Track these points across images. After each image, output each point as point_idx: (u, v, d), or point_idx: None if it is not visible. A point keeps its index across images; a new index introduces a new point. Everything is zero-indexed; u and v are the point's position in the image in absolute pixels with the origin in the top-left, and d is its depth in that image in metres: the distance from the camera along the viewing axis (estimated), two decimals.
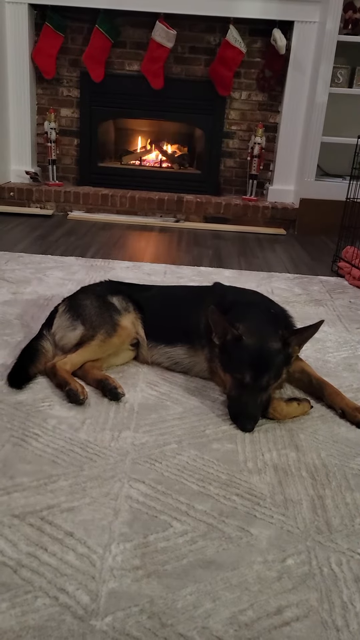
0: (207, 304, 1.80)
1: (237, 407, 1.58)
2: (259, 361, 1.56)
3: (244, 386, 1.56)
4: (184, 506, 1.23)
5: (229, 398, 1.63)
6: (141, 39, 4.43)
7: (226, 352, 1.62)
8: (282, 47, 4.21)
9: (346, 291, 2.92)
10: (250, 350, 1.58)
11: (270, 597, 1.02)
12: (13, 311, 2.30)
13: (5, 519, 1.16)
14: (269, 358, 1.57)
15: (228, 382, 1.63)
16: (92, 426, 1.52)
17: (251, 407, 1.56)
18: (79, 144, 4.77)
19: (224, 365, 1.64)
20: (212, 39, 4.45)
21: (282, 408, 1.61)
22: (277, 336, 1.61)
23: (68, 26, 4.42)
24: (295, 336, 1.63)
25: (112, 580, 1.03)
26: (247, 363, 1.56)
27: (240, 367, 1.57)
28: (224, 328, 1.61)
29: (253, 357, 1.56)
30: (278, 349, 1.59)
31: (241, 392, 1.57)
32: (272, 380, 1.58)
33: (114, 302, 1.87)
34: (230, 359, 1.61)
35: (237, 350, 1.59)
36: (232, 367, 1.60)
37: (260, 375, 1.55)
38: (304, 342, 1.68)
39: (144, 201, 4.51)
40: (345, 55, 4.17)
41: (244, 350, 1.58)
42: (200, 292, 2.00)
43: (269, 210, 4.47)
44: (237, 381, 1.58)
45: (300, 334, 1.65)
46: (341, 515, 1.24)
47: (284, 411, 1.61)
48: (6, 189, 4.49)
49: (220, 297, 1.86)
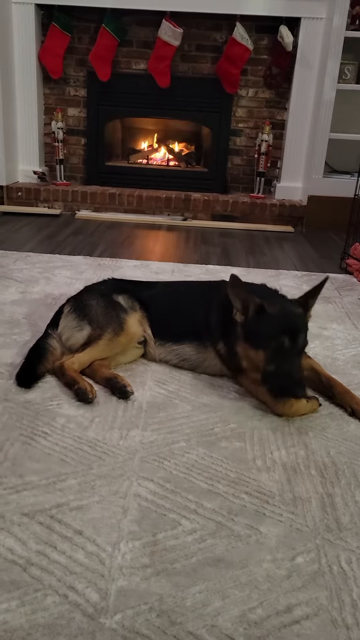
0: (216, 298, 1.81)
1: (282, 378, 1.56)
2: (290, 324, 1.59)
3: (283, 354, 1.56)
4: (193, 504, 1.23)
5: (267, 374, 1.59)
6: (148, 37, 4.43)
7: (252, 328, 1.61)
8: (289, 44, 4.19)
9: (355, 288, 2.90)
10: (278, 316, 1.60)
11: (279, 595, 1.02)
12: (21, 310, 2.31)
13: (14, 517, 1.16)
14: (298, 320, 1.62)
15: (261, 359, 1.59)
16: (101, 425, 1.52)
17: (297, 372, 1.57)
18: (86, 144, 4.78)
19: (253, 342, 1.61)
20: (219, 37, 4.44)
21: (292, 404, 1.60)
22: (294, 303, 1.68)
23: (75, 26, 4.42)
24: (309, 300, 1.68)
25: (122, 579, 1.03)
26: (281, 329, 1.57)
27: (274, 336, 1.56)
28: (245, 299, 1.60)
29: (284, 322, 1.59)
30: (301, 312, 1.65)
31: (281, 361, 1.56)
32: (305, 343, 1.61)
33: (119, 301, 1.87)
34: (259, 333, 1.59)
35: (264, 321, 1.59)
36: (265, 339, 1.58)
37: (296, 338, 1.57)
38: (313, 304, 1.71)
39: (152, 200, 4.51)
40: (352, 52, 4.14)
41: (272, 319, 1.59)
42: (207, 288, 2.00)
43: (277, 207, 4.45)
44: (273, 352, 1.56)
45: (312, 296, 1.68)
46: (351, 513, 1.23)
47: (293, 407, 1.60)
48: (14, 188, 4.51)
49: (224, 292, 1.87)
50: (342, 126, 4.27)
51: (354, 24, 4.14)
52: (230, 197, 4.58)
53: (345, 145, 4.26)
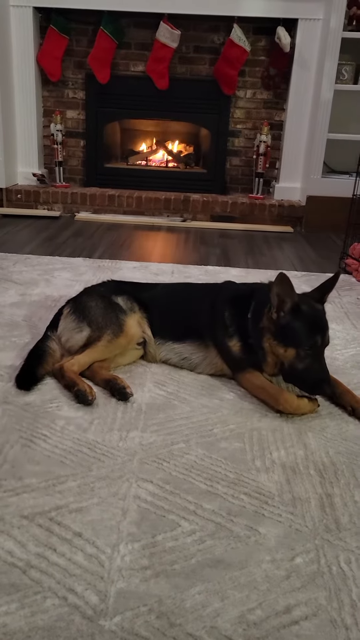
0: (222, 298, 1.85)
1: (314, 374, 1.61)
2: (321, 322, 1.66)
3: (314, 353, 1.61)
4: (192, 505, 1.23)
5: (295, 370, 1.63)
6: (145, 39, 4.44)
7: (285, 326, 1.63)
8: (286, 45, 4.19)
9: (354, 288, 2.90)
10: (310, 315, 1.64)
11: (279, 595, 1.02)
12: (21, 313, 2.31)
13: (14, 520, 1.16)
14: (324, 318, 1.68)
15: (290, 356, 1.63)
16: (100, 426, 1.52)
17: (325, 370, 1.62)
18: (85, 145, 4.79)
19: (285, 340, 1.64)
20: (216, 38, 4.44)
21: (294, 400, 1.61)
22: (312, 299, 1.71)
23: (73, 28, 4.43)
24: (324, 294, 1.72)
25: (121, 580, 1.04)
26: (314, 328, 1.62)
27: (309, 335, 1.61)
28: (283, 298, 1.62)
29: (315, 320, 1.65)
30: (323, 310, 1.70)
31: (312, 360, 1.61)
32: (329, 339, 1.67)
33: (118, 302, 1.87)
34: (293, 331, 1.62)
35: (298, 321, 1.62)
36: (299, 337, 1.61)
37: (325, 334, 1.64)
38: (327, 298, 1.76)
39: (151, 201, 4.51)
40: (350, 52, 4.15)
41: (305, 317, 1.63)
42: (210, 288, 2.01)
43: (276, 208, 4.46)
44: (305, 351, 1.61)
45: (326, 291, 1.73)
46: (350, 513, 1.24)
47: (295, 404, 1.61)
48: (13, 191, 4.51)
49: (236, 289, 1.91)
50: (340, 126, 4.28)
51: (351, 24, 4.15)
52: (229, 197, 4.58)
53: (344, 145, 4.26)
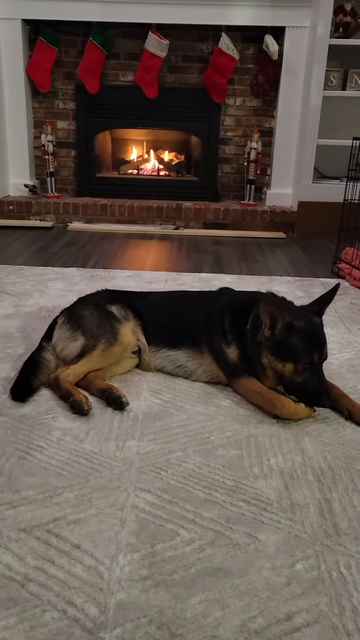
0: (221, 304, 1.86)
1: (313, 388, 1.62)
2: (317, 337, 1.66)
3: (312, 367, 1.62)
4: (191, 514, 1.23)
5: (295, 384, 1.64)
6: (134, 49, 4.47)
7: (281, 342, 1.64)
8: (274, 53, 4.24)
9: (347, 292, 2.91)
10: (306, 331, 1.65)
11: (279, 603, 1.01)
12: (15, 324, 2.30)
13: (11, 533, 1.15)
14: (322, 333, 1.69)
15: (289, 370, 1.64)
16: (97, 436, 1.52)
17: (324, 383, 1.64)
18: (77, 156, 4.80)
19: (281, 355, 1.65)
20: (205, 47, 4.48)
21: (291, 405, 1.61)
22: (310, 313, 1.72)
23: (62, 40, 4.46)
24: (323, 307, 1.73)
25: (121, 592, 1.03)
26: (311, 344, 1.63)
27: (306, 351, 1.62)
28: (276, 316, 1.64)
29: (312, 336, 1.65)
30: (321, 323, 1.71)
31: (310, 374, 1.62)
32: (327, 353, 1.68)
33: (113, 311, 1.87)
34: (289, 347, 1.63)
35: (294, 337, 1.63)
36: (295, 353, 1.62)
37: (322, 349, 1.65)
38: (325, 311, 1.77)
39: (143, 210, 4.52)
40: (337, 59, 4.20)
41: (301, 333, 1.64)
42: (207, 295, 2.01)
43: (268, 214, 4.48)
44: (302, 365, 1.62)
45: (325, 303, 1.74)
46: (349, 518, 1.23)
47: (292, 408, 1.61)
48: (5, 202, 4.51)
49: (236, 297, 1.91)
50: (330, 132, 4.31)
51: (337, 31, 4.20)
52: (221, 205, 4.60)
53: (334, 150, 4.30)
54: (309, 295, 2.82)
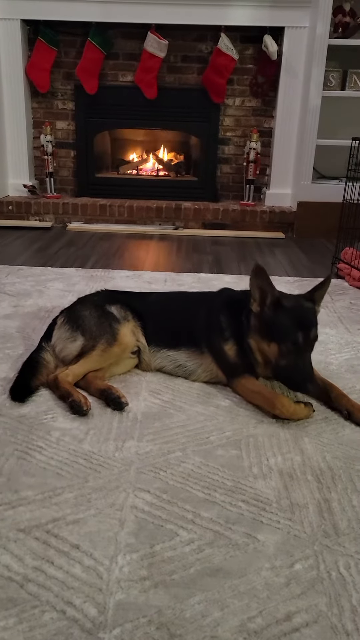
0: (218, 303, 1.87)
1: (294, 371, 1.61)
2: (304, 318, 1.64)
3: (296, 350, 1.61)
4: (190, 514, 1.23)
5: (279, 367, 1.64)
6: (133, 50, 4.47)
7: (267, 320, 1.65)
8: (273, 53, 4.24)
9: (346, 292, 2.91)
10: (293, 310, 1.64)
11: (279, 603, 1.01)
12: (14, 324, 2.30)
13: (10, 534, 1.15)
14: (310, 315, 1.66)
15: (274, 352, 1.64)
16: (96, 437, 1.51)
17: (308, 367, 1.61)
18: (76, 156, 4.80)
19: (267, 335, 1.65)
20: (204, 48, 4.48)
21: (290, 405, 1.61)
22: (302, 298, 1.71)
23: (61, 40, 4.46)
24: (317, 292, 1.71)
25: (120, 592, 1.03)
26: (296, 323, 1.61)
27: (290, 330, 1.61)
28: (265, 291, 1.64)
29: (298, 316, 1.64)
30: (312, 306, 1.69)
31: (294, 357, 1.61)
32: (315, 337, 1.64)
33: (112, 311, 1.87)
34: (275, 326, 1.64)
35: (280, 315, 1.63)
36: (280, 332, 1.62)
37: (309, 334, 1.62)
38: (322, 299, 1.75)
39: (142, 210, 4.52)
40: (336, 59, 4.20)
41: (288, 312, 1.63)
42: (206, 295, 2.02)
43: (267, 214, 4.48)
44: (287, 347, 1.61)
45: (319, 289, 1.72)
46: (348, 518, 1.23)
47: (291, 408, 1.61)
48: (4, 203, 4.51)
49: (231, 295, 1.91)
50: (329, 132, 4.32)
51: (337, 31, 4.20)
52: (220, 205, 4.60)
53: (333, 151, 4.30)
54: None
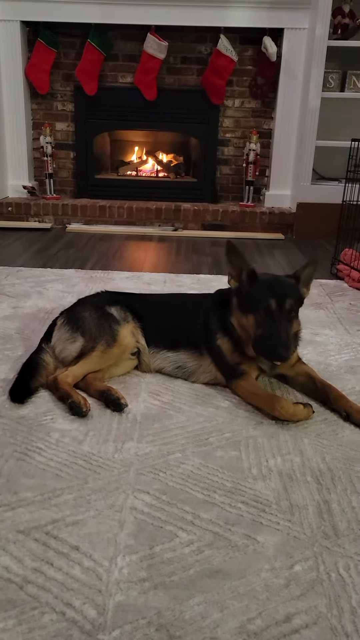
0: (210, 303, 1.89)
1: (268, 339, 1.63)
2: (278, 288, 1.69)
3: (271, 318, 1.64)
4: (190, 515, 1.23)
5: (256, 339, 1.66)
6: (133, 51, 4.48)
7: (245, 294, 1.71)
8: (273, 54, 4.24)
9: (346, 293, 2.92)
10: (268, 281, 1.72)
11: (278, 604, 1.01)
12: (13, 325, 2.30)
13: (10, 535, 1.15)
14: (286, 287, 1.71)
15: (251, 324, 1.67)
16: (96, 438, 1.51)
17: (283, 333, 1.62)
18: (76, 157, 4.81)
19: (245, 308, 1.70)
20: (204, 49, 4.49)
21: (289, 406, 1.61)
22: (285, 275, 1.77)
23: (60, 41, 4.46)
24: (303, 272, 1.74)
25: (119, 593, 1.03)
26: (269, 291, 1.66)
27: (263, 298, 1.65)
28: (239, 265, 1.72)
29: (272, 286, 1.70)
30: (292, 281, 1.73)
31: (269, 324, 1.63)
32: (294, 307, 1.67)
33: (112, 312, 1.87)
34: (250, 297, 1.69)
35: (255, 286, 1.69)
36: (254, 302, 1.66)
37: (283, 300, 1.64)
38: (309, 281, 1.78)
39: (142, 211, 4.53)
40: (336, 60, 4.20)
41: (262, 283, 1.70)
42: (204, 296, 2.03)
43: (267, 215, 4.48)
44: (261, 316, 1.65)
45: (304, 270, 1.74)
46: (348, 519, 1.23)
47: (291, 409, 1.60)
48: (4, 204, 4.51)
49: (221, 293, 1.93)
50: (328, 133, 4.32)
51: (336, 33, 4.20)
52: (220, 206, 4.60)
53: (332, 152, 4.31)
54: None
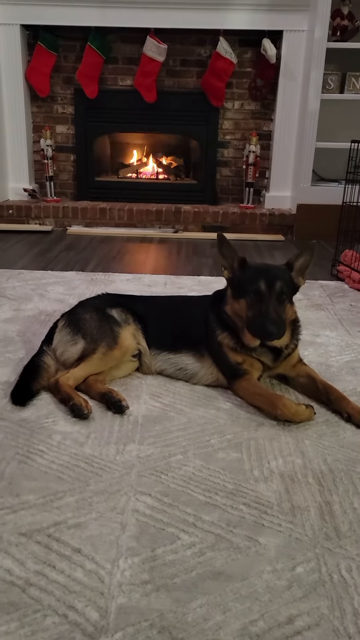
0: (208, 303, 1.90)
1: (258, 318, 1.66)
2: (268, 271, 1.74)
3: (260, 299, 1.67)
4: (191, 517, 1.23)
5: (248, 321, 1.70)
6: (133, 54, 4.49)
7: (237, 281, 1.75)
8: (272, 57, 4.25)
9: (346, 295, 2.92)
10: (257, 267, 1.79)
11: (280, 606, 1.01)
12: (15, 328, 2.31)
13: (12, 538, 1.15)
14: (276, 269, 1.76)
15: (243, 308, 1.71)
16: (97, 440, 1.52)
17: (272, 311, 1.65)
18: (76, 160, 4.82)
19: (237, 294, 1.74)
20: (203, 51, 4.50)
21: (292, 406, 1.61)
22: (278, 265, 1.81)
23: (60, 45, 4.48)
24: (296, 260, 1.76)
25: (121, 596, 1.03)
26: (258, 275, 1.70)
27: (252, 281, 1.69)
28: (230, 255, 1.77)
29: (262, 270, 1.75)
30: (283, 267, 1.77)
31: (258, 305, 1.67)
32: (285, 289, 1.69)
33: (113, 314, 1.88)
34: (241, 283, 1.73)
35: (246, 272, 1.74)
36: (245, 287, 1.71)
37: (272, 281, 1.68)
38: (305, 268, 1.78)
39: (142, 213, 4.53)
40: (335, 62, 4.21)
41: (252, 268, 1.76)
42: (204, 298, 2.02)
43: (267, 217, 4.49)
44: (252, 299, 1.69)
45: (299, 258, 1.76)
46: (349, 520, 1.23)
47: (293, 408, 1.61)
48: (5, 207, 4.52)
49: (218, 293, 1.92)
50: (328, 135, 4.32)
51: (335, 35, 4.21)
52: (220, 208, 4.61)
53: (332, 153, 4.31)
54: (308, 298, 2.82)
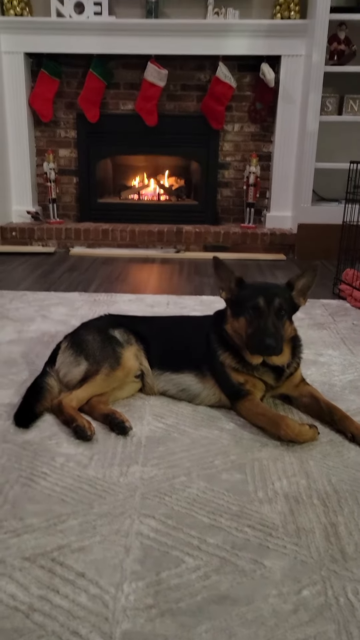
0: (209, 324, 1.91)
1: (257, 333, 1.67)
2: (266, 288, 1.77)
3: (259, 314, 1.69)
4: (196, 540, 1.22)
5: (247, 338, 1.71)
6: (134, 79, 4.58)
7: (235, 300, 1.77)
8: (270, 81, 4.34)
9: (349, 313, 2.93)
10: (256, 285, 1.82)
11: (287, 630, 1.00)
12: (18, 350, 2.32)
13: (15, 562, 1.15)
14: (275, 287, 1.79)
15: (243, 326, 1.72)
16: (101, 462, 1.51)
17: (270, 326, 1.67)
18: (78, 182, 4.88)
19: (236, 312, 1.75)
20: (203, 76, 4.59)
21: (295, 426, 1.61)
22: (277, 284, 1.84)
23: (63, 71, 4.58)
24: (298, 279, 1.77)
25: (126, 621, 1.02)
26: (257, 292, 1.72)
27: (251, 298, 1.71)
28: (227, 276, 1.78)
29: (260, 288, 1.78)
30: (282, 285, 1.79)
31: (257, 320, 1.69)
32: (284, 306, 1.71)
33: (115, 335, 1.88)
34: (239, 301, 1.75)
35: (243, 290, 1.76)
36: (244, 304, 1.72)
37: (271, 298, 1.69)
38: (307, 289, 1.80)
39: (144, 234, 4.58)
40: (333, 85, 4.29)
41: (251, 287, 1.78)
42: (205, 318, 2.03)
43: (268, 236, 4.53)
44: (251, 315, 1.70)
45: (300, 278, 1.77)
46: (355, 542, 1.22)
47: (297, 429, 1.60)
48: (8, 229, 4.57)
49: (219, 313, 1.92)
50: (327, 156, 4.38)
51: (332, 59, 4.30)
52: (221, 228, 4.65)
53: (331, 173, 4.36)
54: (310, 317, 2.83)
